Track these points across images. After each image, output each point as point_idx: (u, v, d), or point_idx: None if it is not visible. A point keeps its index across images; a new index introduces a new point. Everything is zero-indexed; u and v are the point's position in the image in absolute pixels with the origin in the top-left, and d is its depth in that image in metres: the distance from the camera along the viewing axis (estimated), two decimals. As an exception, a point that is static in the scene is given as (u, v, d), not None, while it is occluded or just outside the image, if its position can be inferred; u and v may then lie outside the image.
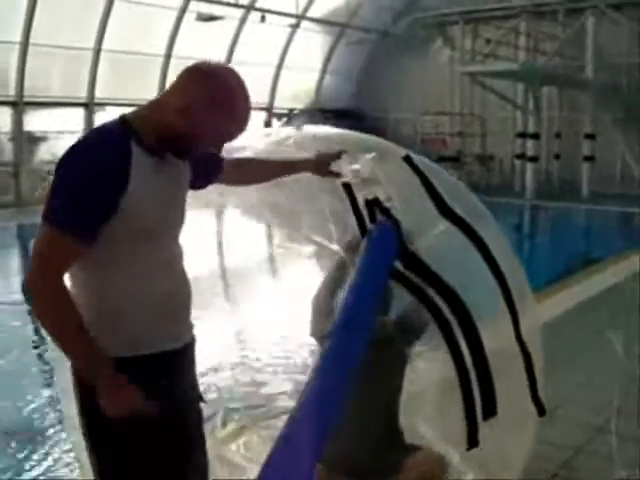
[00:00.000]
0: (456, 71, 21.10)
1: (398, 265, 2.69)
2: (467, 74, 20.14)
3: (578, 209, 17.82)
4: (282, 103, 22.85)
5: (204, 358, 2.44)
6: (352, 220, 2.89)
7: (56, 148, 15.83)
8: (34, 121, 17.00)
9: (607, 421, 4.12)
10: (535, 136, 19.91)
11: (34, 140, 17.16)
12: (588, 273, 9.20)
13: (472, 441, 2.67)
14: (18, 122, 16.58)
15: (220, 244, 5.12)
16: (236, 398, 4.40)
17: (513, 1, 21.22)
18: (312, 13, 21.66)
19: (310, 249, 3.57)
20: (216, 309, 4.55)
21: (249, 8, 19.72)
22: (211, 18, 18.47)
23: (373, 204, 2.82)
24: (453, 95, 22.46)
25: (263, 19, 19.68)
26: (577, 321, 6.58)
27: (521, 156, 20.44)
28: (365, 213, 2.85)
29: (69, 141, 2.09)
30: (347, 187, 2.90)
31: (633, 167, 19.82)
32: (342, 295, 2.47)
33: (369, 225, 2.83)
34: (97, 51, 17.15)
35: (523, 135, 20.34)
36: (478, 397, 2.65)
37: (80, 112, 17.61)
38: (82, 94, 17.46)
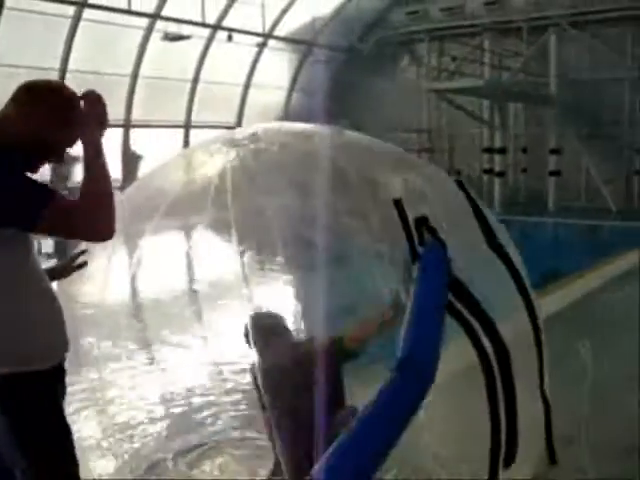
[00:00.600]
0: (423, 88, 21.28)
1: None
2: (434, 91, 20.32)
3: (545, 223, 18.00)
4: (250, 122, 22.85)
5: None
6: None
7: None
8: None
9: (576, 433, 4.13)
10: (502, 151, 20.14)
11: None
12: (556, 286, 9.26)
13: None
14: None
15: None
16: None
17: (477, 19, 21.49)
18: (279, 32, 21.75)
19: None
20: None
21: (216, 27, 19.73)
22: (178, 38, 18.45)
23: (421, 223, 2.66)
24: (421, 112, 22.65)
25: (230, 38, 19.70)
26: (546, 334, 6.61)
27: (489, 171, 20.65)
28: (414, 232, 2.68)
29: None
30: (397, 203, 2.73)
31: (598, 181, 20.09)
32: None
33: (418, 248, 2.62)
34: (62, 71, 17.01)
35: (490, 150, 20.56)
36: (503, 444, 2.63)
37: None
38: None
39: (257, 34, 20.77)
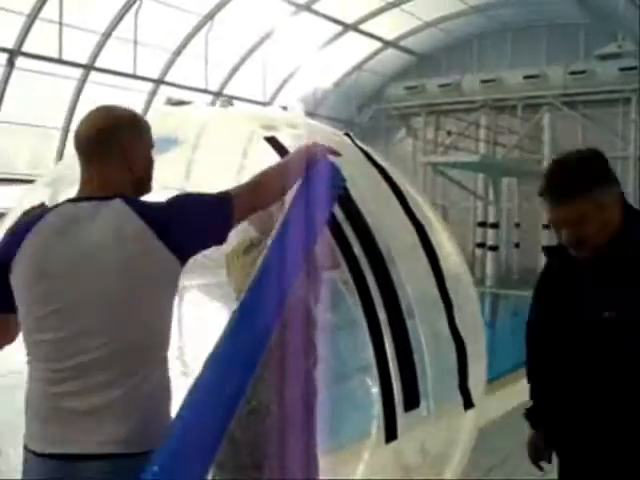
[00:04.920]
0: (418, 161, 21.59)
1: (337, 211, 2.36)
2: (429, 164, 20.62)
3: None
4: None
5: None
6: None
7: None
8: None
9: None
10: (495, 226, 20.33)
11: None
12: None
13: (391, 433, 2.42)
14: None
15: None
16: None
17: (474, 95, 21.98)
18: (279, 101, 22.18)
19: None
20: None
21: (218, 94, 20.13)
22: (180, 103, 18.79)
23: None
24: (415, 184, 22.89)
25: (230, 103, 20.08)
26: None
27: (481, 245, 20.80)
28: None
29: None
30: (272, 141, 2.66)
31: (590, 258, 20.24)
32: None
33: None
34: (65, 130, 17.27)
35: (483, 224, 20.76)
36: (399, 386, 2.40)
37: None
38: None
39: (258, 102, 21.18)
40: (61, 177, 3.10)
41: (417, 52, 23.63)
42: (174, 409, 1.90)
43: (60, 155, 17.45)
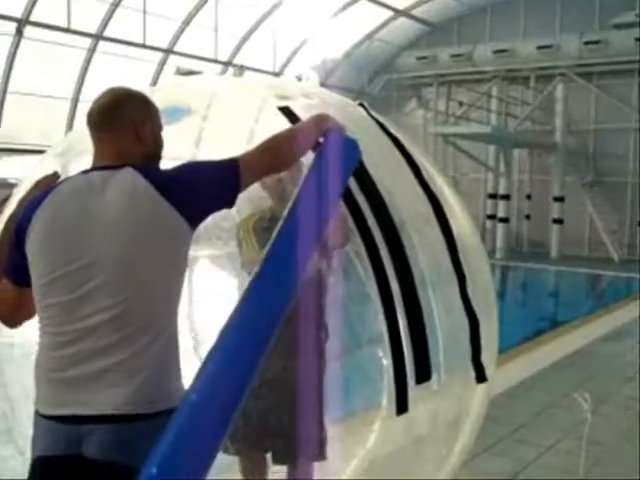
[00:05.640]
0: (429, 132, 21.47)
1: (353, 185, 2.32)
2: (440, 135, 20.50)
3: (547, 270, 18.03)
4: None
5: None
6: None
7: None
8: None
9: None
10: (506, 197, 20.23)
11: (7, 187, 17.06)
12: (556, 335, 9.28)
13: (401, 406, 2.40)
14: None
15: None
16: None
17: (486, 66, 21.77)
18: (289, 71, 22.03)
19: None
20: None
21: (227, 64, 20.01)
22: (189, 72, 18.70)
23: None
24: (426, 156, 22.74)
25: (240, 72, 19.97)
26: (545, 383, 6.63)
27: (492, 217, 20.73)
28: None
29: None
30: (286, 111, 2.64)
31: (600, 230, 20.18)
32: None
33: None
34: (75, 101, 17.23)
35: (494, 196, 20.66)
36: (410, 358, 2.37)
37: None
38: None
39: (268, 72, 21.04)
40: (71, 147, 3.08)
41: (429, 21, 23.37)
42: (186, 383, 1.90)
43: (69, 125, 17.42)
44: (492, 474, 4.39)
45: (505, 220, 20.20)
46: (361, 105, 2.95)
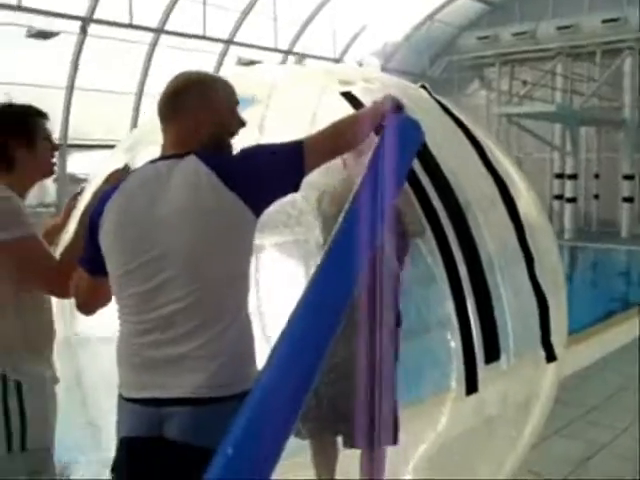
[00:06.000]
0: (493, 112, 21.16)
1: (417, 167, 2.29)
2: (504, 116, 20.18)
3: (618, 250, 17.61)
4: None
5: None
6: None
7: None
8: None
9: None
10: (573, 177, 19.81)
11: (76, 181, 17.53)
12: (629, 315, 9.08)
13: (471, 386, 2.38)
14: (62, 164, 16.98)
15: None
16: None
17: (550, 43, 21.30)
18: (349, 57, 21.97)
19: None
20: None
21: (287, 52, 20.08)
22: (251, 62, 18.83)
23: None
24: (490, 136, 22.46)
25: (300, 60, 20.01)
26: (618, 364, 6.50)
27: (559, 197, 20.33)
28: None
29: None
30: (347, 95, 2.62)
31: (673, 208, 19.61)
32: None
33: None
34: (139, 95, 17.55)
35: (561, 176, 20.25)
36: (479, 337, 2.36)
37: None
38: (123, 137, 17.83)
39: (328, 59, 21.03)
40: (140, 140, 3.16)
41: (490, 0, 22.97)
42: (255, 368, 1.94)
43: (134, 120, 17.75)
44: (563, 457, 4.34)
45: (573, 200, 19.80)
46: (423, 87, 2.94)
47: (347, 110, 2.49)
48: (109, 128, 17.88)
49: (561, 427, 4.76)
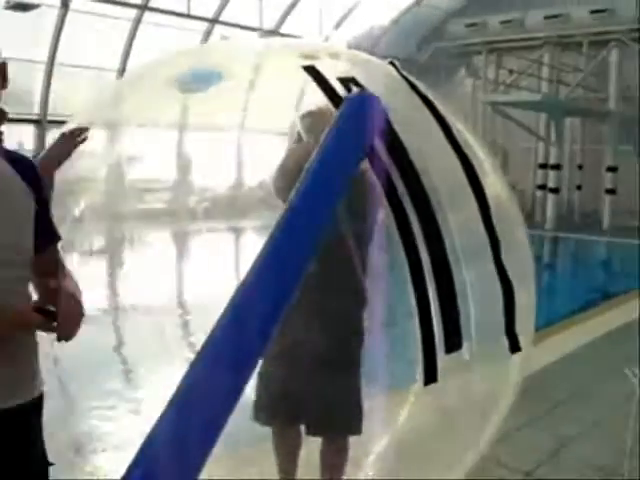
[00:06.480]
0: (479, 101, 21.07)
1: (378, 144, 2.19)
2: (490, 104, 20.09)
3: (599, 242, 17.63)
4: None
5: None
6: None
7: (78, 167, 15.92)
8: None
9: (618, 463, 3.98)
10: (557, 167, 19.78)
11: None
12: (607, 307, 9.05)
13: (430, 376, 2.31)
14: (41, 140, 16.74)
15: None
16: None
17: (537, 32, 21.20)
18: (339, 41, 21.77)
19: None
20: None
21: (272, 33, 19.85)
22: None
23: (349, 82, 2.39)
24: (475, 125, 22.39)
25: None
26: (593, 356, 6.46)
27: (542, 187, 20.31)
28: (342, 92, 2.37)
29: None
30: (311, 70, 2.54)
31: (655, 201, 19.61)
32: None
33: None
34: (122, 71, 17.30)
35: (545, 166, 20.22)
36: (439, 325, 2.28)
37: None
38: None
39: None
40: (95, 117, 3.04)
41: (479, -13, 22.84)
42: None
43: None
44: (532, 449, 4.27)
45: (556, 190, 19.77)
46: (391, 64, 2.82)
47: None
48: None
49: (528, 421, 4.67)
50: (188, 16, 17.42)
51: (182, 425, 1.59)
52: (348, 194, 2.00)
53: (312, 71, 2.47)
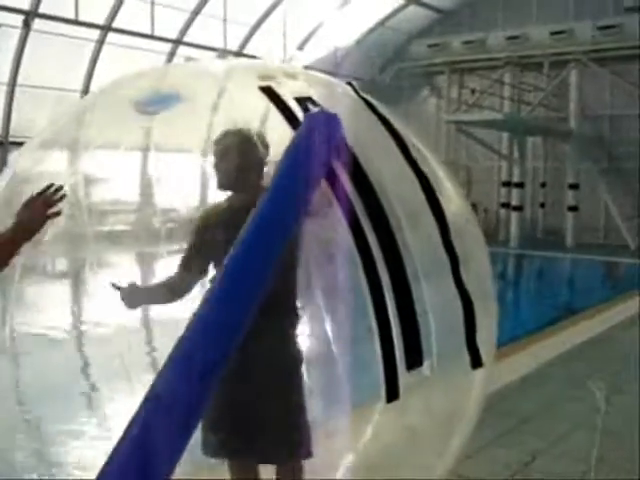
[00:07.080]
0: (442, 120, 21.27)
1: (336, 165, 2.19)
2: (453, 123, 20.31)
3: (562, 258, 17.84)
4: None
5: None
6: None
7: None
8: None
9: (584, 473, 4.02)
10: (520, 185, 20.03)
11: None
12: (571, 323, 9.14)
13: (392, 393, 2.31)
14: (2, 161, 16.53)
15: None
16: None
17: (498, 52, 21.52)
18: (298, 62, 21.88)
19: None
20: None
21: (237, 54, 19.89)
22: (199, 63, 18.63)
23: (306, 101, 2.41)
24: (439, 144, 22.61)
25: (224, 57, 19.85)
26: (558, 372, 6.51)
27: (506, 205, 20.53)
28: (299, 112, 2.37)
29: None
30: (268, 91, 2.54)
31: (616, 218, 19.91)
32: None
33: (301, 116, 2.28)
34: (85, 92, 17.19)
35: (508, 184, 20.46)
36: (400, 343, 2.27)
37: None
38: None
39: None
40: (54, 139, 3.00)
41: (440, 8, 23.14)
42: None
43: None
44: (500, 465, 4.29)
45: (519, 208, 20.01)
46: (349, 84, 2.84)
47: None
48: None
49: (496, 437, 4.69)
50: (152, 37, 17.38)
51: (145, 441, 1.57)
52: None
53: (269, 91, 2.47)
